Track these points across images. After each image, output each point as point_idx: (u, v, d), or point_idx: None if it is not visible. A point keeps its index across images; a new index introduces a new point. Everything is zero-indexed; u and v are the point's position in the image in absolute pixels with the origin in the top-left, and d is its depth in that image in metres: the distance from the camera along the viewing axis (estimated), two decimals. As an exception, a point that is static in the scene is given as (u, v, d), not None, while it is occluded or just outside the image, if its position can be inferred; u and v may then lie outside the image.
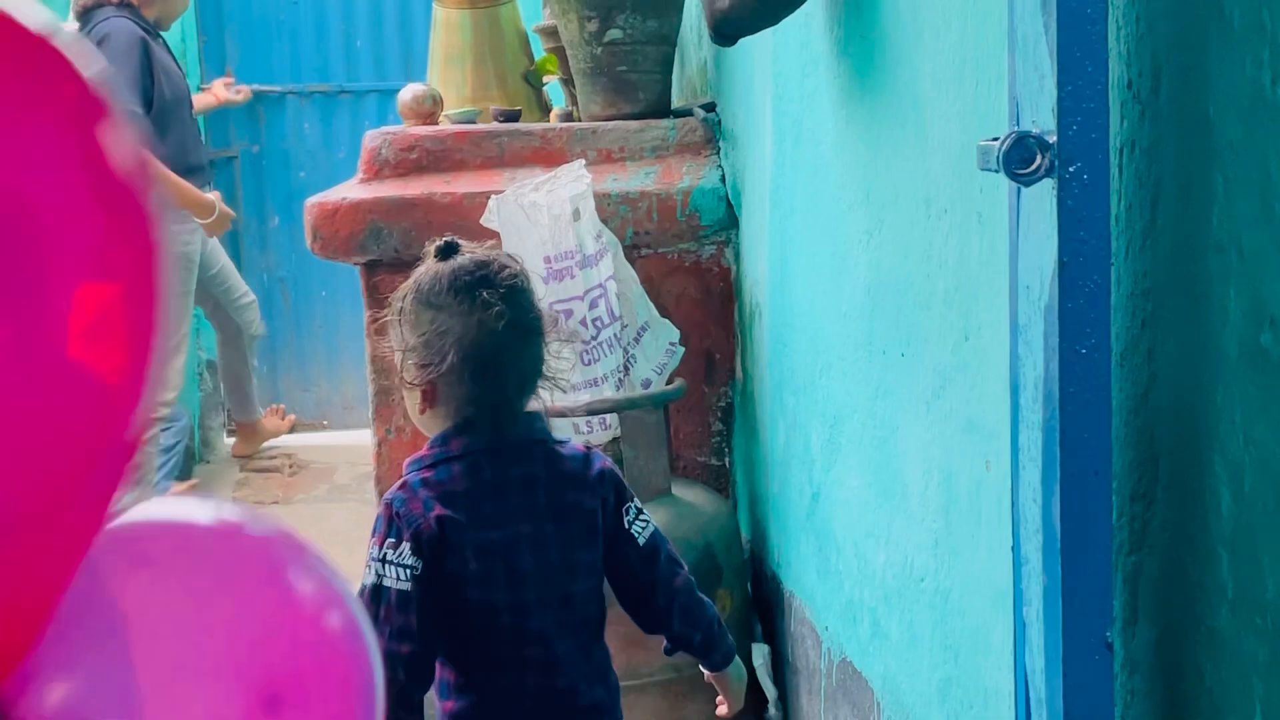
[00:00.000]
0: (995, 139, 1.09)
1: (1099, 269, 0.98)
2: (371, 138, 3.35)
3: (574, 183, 3.00)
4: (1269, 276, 1.06)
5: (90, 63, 0.85)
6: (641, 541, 2.06)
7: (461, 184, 3.24)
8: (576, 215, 2.98)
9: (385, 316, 2.04)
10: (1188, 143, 1.19)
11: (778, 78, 2.82)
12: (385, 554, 1.91)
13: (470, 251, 2.01)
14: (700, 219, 3.27)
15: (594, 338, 2.97)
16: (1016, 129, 1.01)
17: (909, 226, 1.97)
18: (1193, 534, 1.19)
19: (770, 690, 2.95)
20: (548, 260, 2.94)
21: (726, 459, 3.40)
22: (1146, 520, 1.29)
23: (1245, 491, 1.10)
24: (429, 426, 2.03)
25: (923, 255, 1.92)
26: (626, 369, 3.01)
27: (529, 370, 2.01)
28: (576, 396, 2.94)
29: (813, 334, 2.60)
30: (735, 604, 2.99)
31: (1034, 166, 1.00)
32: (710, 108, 3.51)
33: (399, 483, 2.00)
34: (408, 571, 1.91)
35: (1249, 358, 1.09)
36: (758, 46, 2.90)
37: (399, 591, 1.90)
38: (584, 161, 3.11)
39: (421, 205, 3.18)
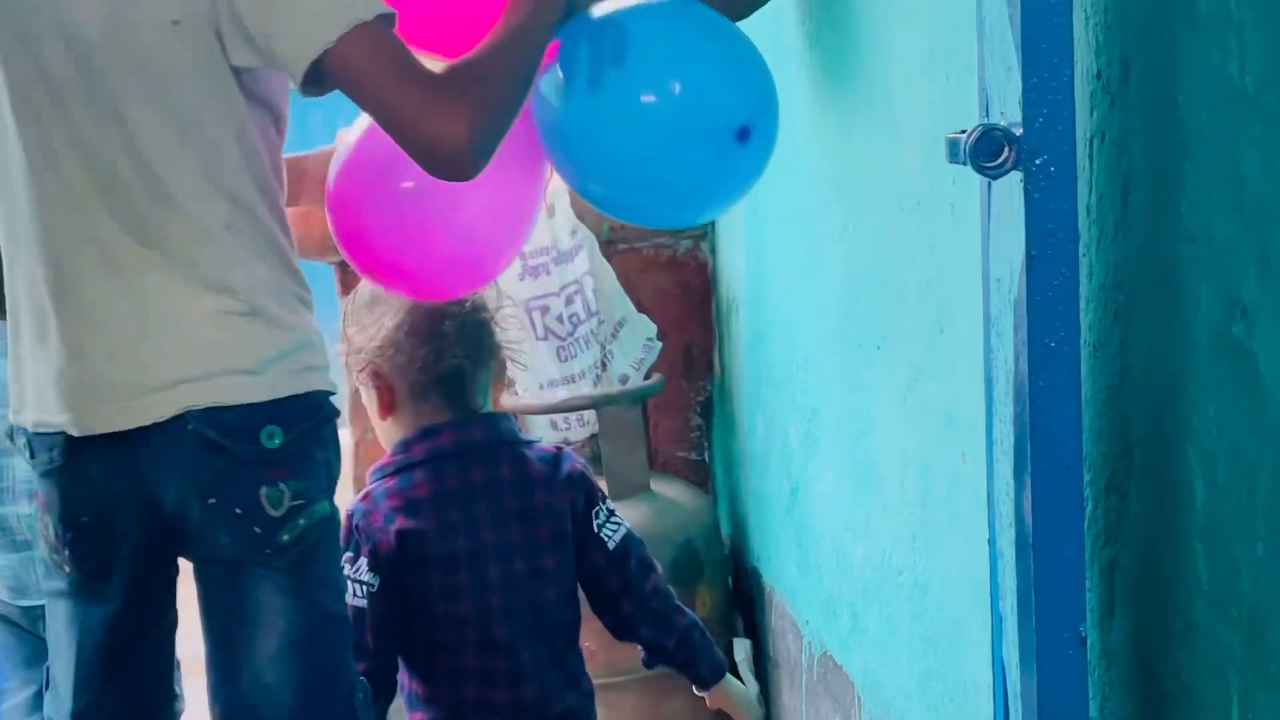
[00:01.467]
0: (963, 132, 1.09)
1: (1067, 262, 0.97)
2: (344, 135, 3.33)
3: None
4: (1239, 267, 1.05)
5: None
6: (611, 546, 2.03)
7: (435, 182, 3.22)
8: (551, 211, 2.96)
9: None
10: (1157, 132, 1.18)
11: (751, 71, 2.81)
12: (342, 568, 1.80)
13: None
14: (676, 214, 3.26)
15: (571, 334, 2.95)
16: (984, 122, 1.00)
17: (882, 220, 1.97)
18: (1167, 526, 1.19)
19: (753, 685, 2.95)
20: (523, 256, 2.93)
21: (706, 454, 3.39)
22: (1121, 512, 1.29)
23: (1219, 483, 1.10)
24: (391, 433, 1.99)
25: (896, 249, 1.91)
26: (604, 365, 3.00)
27: (478, 350, 1.97)
28: (554, 393, 2.93)
29: (789, 329, 2.59)
30: (716, 599, 2.98)
31: (1001, 159, 0.99)
32: (684, 102, 3.50)
33: (362, 492, 1.97)
34: (364, 588, 1.88)
35: (1221, 348, 1.08)
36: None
37: (354, 608, 1.84)
38: (558, 157, 3.10)
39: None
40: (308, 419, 1.70)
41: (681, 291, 3.32)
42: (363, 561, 1.89)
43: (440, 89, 1.57)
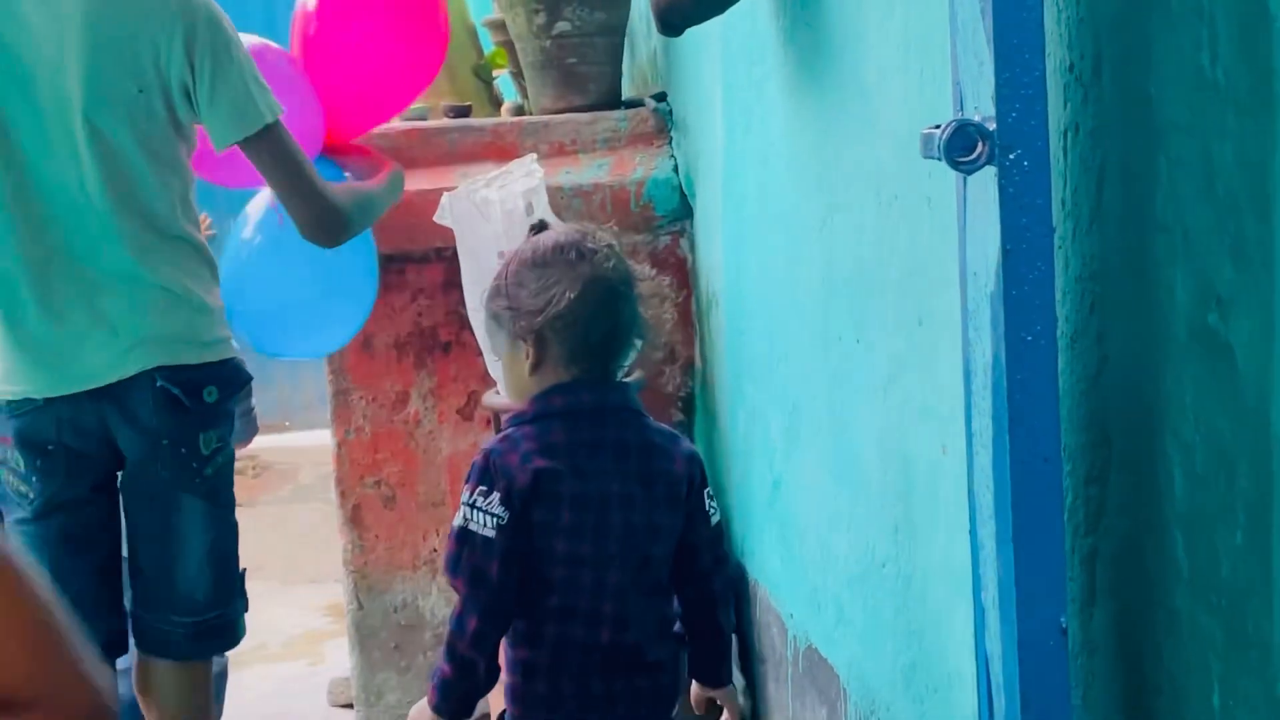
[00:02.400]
0: (938, 127, 1.09)
1: (1042, 256, 0.98)
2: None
3: (526, 177, 2.98)
4: (1214, 257, 1.06)
5: None
6: (713, 523, 2.18)
7: (414, 182, 3.21)
8: (529, 210, 2.96)
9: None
10: (1131, 124, 1.19)
11: (726, 66, 2.81)
12: (475, 500, 2.00)
13: (555, 228, 2.16)
14: (654, 209, 3.26)
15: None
16: (957, 117, 1.01)
17: (860, 214, 1.97)
18: (1147, 515, 1.19)
19: (738, 679, 2.95)
20: (502, 256, 2.92)
21: (688, 449, 3.40)
22: (1101, 502, 1.30)
23: (1197, 472, 1.10)
24: (530, 389, 2.09)
25: (874, 242, 1.92)
26: (585, 363, 2.99)
27: (630, 325, 2.11)
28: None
29: (769, 323, 2.60)
30: (701, 594, 2.98)
31: (975, 155, 1.00)
32: (661, 97, 3.50)
33: (501, 435, 2.09)
34: (494, 520, 2.00)
35: (1197, 338, 1.09)
36: (706, 35, 2.89)
37: (484, 538, 2.00)
38: (535, 155, 3.10)
39: (373, 204, 3.15)
40: (231, 382, 2.48)
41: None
42: (495, 496, 2.01)
43: (326, 191, 2.43)
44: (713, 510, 2.17)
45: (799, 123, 2.28)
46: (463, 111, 3.52)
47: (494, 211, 2.93)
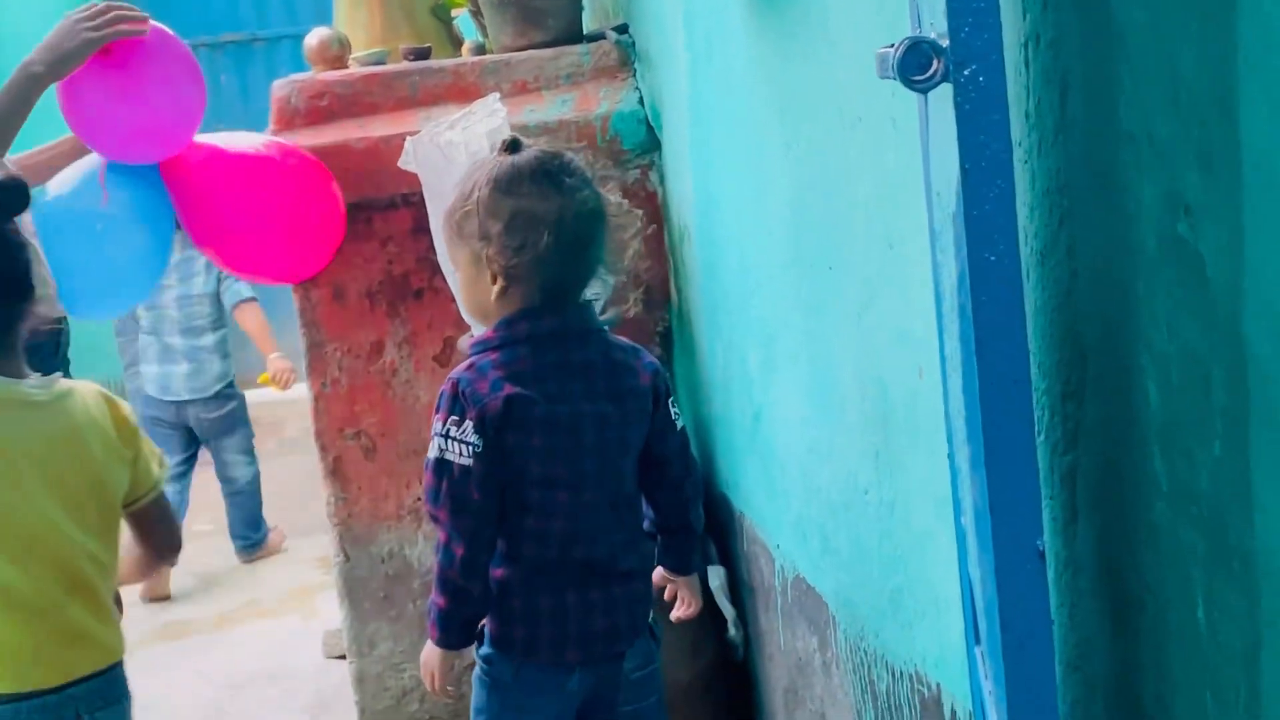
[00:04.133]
0: (893, 46, 1.06)
1: (1002, 173, 0.95)
2: (280, 87, 3.28)
3: (489, 117, 2.94)
4: (1181, 165, 1.04)
5: None
6: (679, 431, 2.25)
7: (376, 127, 3.18)
8: (494, 150, 2.92)
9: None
10: (1091, 32, 1.16)
11: (686, -6, 2.77)
12: (449, 430, 2.04)
13: (530, 147, 2.14)
14: (621, 143, 3.22)
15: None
16: (912, 34, 0.98)
17: (825, 138, 1.94)
18: (1124, 430, 1.18)
19: (729, 611, 2.95)
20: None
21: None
22: (1079, 419, 1.28)
23: (1172, 384, 1.09)
24: (494, 313, 2.11)
25: (841, 166, 1.89)
26: (559, 302, 2.97)
27: (599, 255, 2.14)
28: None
29: (741, 253, 2.57)
30: (688, 528, 2.98)
31: (930, 72, 0.97)
32: (623, 29, 3.45)
33: (466, 363, 2.10)
34: (469, 448, 2.03)
35: (1167, 248, 1.07)
36: (664, -37, 2.85)
37: (461, 466, 2.03)
38: (498, 95, 3.06)
39: (337, 153, 3.11)
40: None
41: (633, 222, 3.30)
42: (468, 424, 2.04)
43: None
44: (677, 418, 2.23)
45: (760, 47, 2.25)
46: (422, 53, 3.47)
47: (459, 154, 2.89)
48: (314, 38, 3.47)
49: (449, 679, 2.11)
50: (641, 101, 3.26)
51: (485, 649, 2.17)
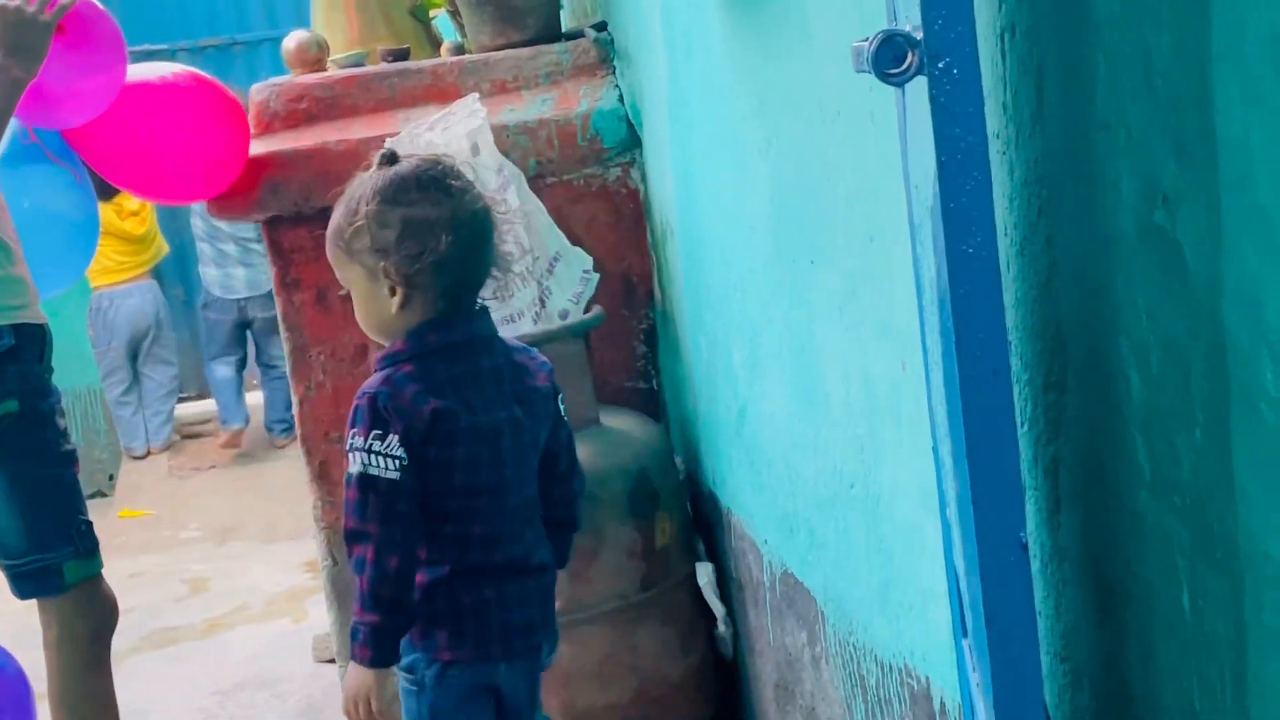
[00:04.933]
0: (867, 39, 1.06)
1: (978, 165, 0.95)
2: (258, 90, 3.27)
3: (469, 118, 2.94)
4: (1158, 153, 1.04)
5: None
6: (567, 425, 2.28)
7: (355, 130, 3.17)
8: (475, 150, 2.92)
9: (298, 271, 2.12)
10: (1067, 21, 1.16)
11: (664, -10, 2.76)
12: (371, 445, 2.02)
13: (407, 158, 2.13)
14: (602, 141, 3.22)
15: (506, 272, 2.92)
16: (887, 28, 0.98)
17: (805, 133, 1.94)
18: (1106, 419, 1.18)
19: (718, 608, 2.95)
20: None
21: (654, 381, 3.38)
22: (1061, 409, 1.28)
23: (1153, 373, 1.09)
24: (397, 326, 2.10)
25: (821, 160, 1.89)
26: (542, 302, 2.97)
27: (493, 256, 2.14)
28: (494, 335, 2.90)
29: (723, 249, 2.57)
30: (676, 526, 2.98)
31: (905, 65, 0.97)
32: (602, 27, 3.45)
33: (380, 377, 2.08)
34: (396, 462, 2.03)
35: (1145, 237, 1.07)
36: (641, -40, 2.84)
37: (388, 480, 2.03)
38: (478, 95, 3.05)
39: (317, 156, 3.10)
40: (13, 347, 2.71)
41: (615, 220, 3.30)
42: (393, 438, 2.03)
43: None
44: (564, 413, 2.27)
45: (738, 44, 2.25)
46: (401, 55, 3.46)
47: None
48: (292, 41, 3.47)
49: (383, 700, 2.08)
50: (622, 99, 3.26)
51: (407, 658, 2.16)
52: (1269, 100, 0.89)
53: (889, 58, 0.97)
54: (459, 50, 3.65)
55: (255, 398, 7.33)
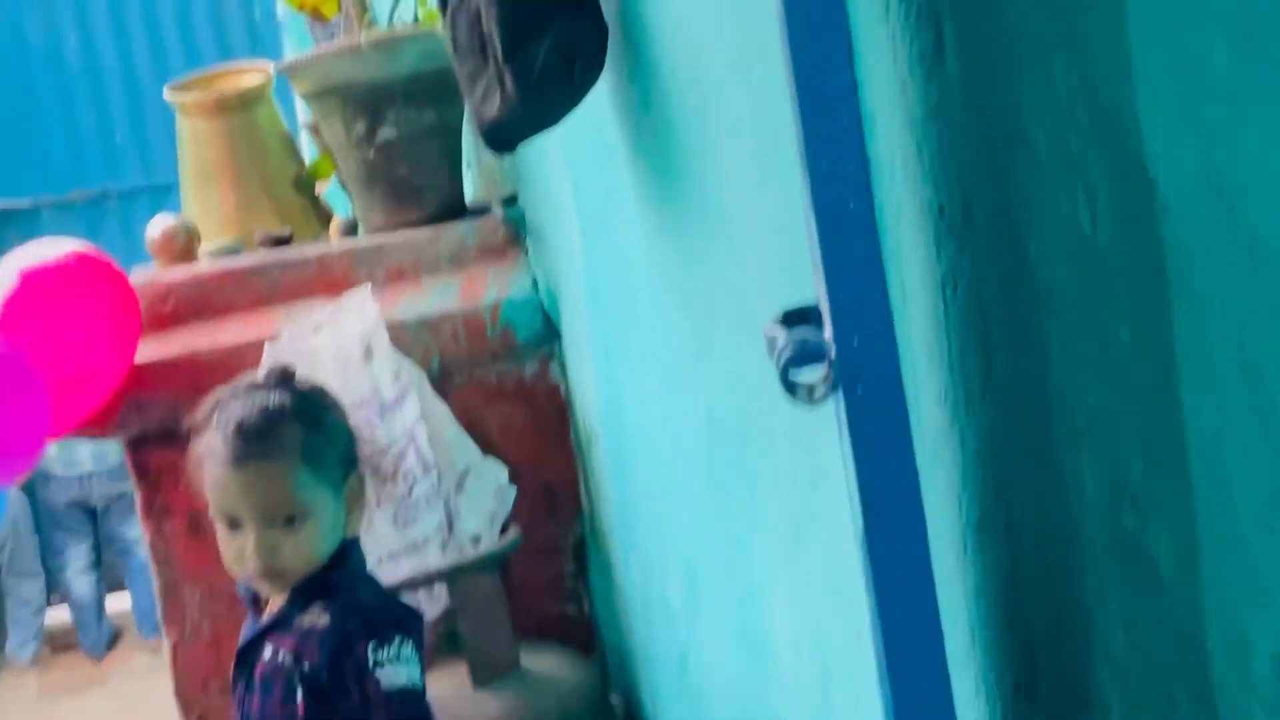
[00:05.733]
0: (785, 318, 1.04)
1: (908, 502, 0.92)
2: (118, 288, 3.23)
3: (360, 318, 2.91)
4: (1122, 447, 1.01)
5: None
6: None
7: (229, 332, 3.14)
8: (368, 354, 2.90)
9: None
10: (1010, 283, 1.14)
11: (573, 169, 2.76)
12: (403, 653, 2.14)
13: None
14: (515, 335, 3.20)
15: (408, 495, 2.87)
16: (794, 334, 0.95)
17: (736, 352, 1.92)
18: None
19: None
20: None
21: (585, 604, 3.32)
22: (1030, 717, 1.24)
23: (1133, 696, 1.05)
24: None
25: (756, 386, 1.86)
26: (450, 525, 2.92)
27: None
28: (395, 567, 2.84)
29: (654, 466, 2.54)
30: (615, 779, 2.90)
31: (821, 377, 0.94)
32: (513, 200, 3.45)
33: (368, 585, 2.27)
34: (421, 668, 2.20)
35: (1116, 544, 1.04)
36: (548, 134, 2.84)
37: (423, 688, 2.21)
38: (370, 286, 3.03)
39: (184, 366, 3.06)
40: None
41: (534, 421, 3.26)
42: (410, 643, 2.17)
43: None
44: None
45: (659, 241, 2.24)
46: (282, 240, 3.44)
47: (325, 362, 2.86)
48: (156, 228, 3.44)
49: None
50: (536, 285, 3.24)
51: None
52: (1237, 412, 0.86)
53: (802, 366, 0.94)
54: (351, 228, 3.63)
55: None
